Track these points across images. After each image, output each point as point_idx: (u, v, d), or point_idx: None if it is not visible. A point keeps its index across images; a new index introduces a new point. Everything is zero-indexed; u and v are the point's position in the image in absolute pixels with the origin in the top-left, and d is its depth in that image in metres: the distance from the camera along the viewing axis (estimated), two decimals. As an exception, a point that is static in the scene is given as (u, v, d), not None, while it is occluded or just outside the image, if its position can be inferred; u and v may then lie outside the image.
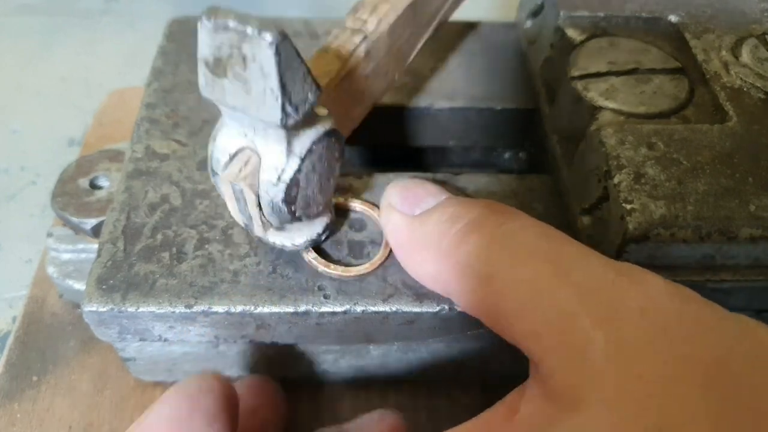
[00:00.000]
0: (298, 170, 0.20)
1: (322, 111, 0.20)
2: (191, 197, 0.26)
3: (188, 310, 0.23)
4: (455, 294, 0.20)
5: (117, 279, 0.23)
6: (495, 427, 0.17)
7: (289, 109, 0.18)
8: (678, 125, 0.25)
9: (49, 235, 0.30)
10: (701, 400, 0.15)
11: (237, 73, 0.17)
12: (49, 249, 0.30)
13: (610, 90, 0.26)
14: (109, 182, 0.30)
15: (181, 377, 0.29)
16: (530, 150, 0.34)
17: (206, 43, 0.17)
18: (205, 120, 0.30)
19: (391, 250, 0.24)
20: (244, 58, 0.17)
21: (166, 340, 0.25)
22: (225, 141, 0.20)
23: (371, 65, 0.24)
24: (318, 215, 0.23)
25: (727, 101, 0.25)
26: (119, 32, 0.53)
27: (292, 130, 0.19)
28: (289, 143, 0.19)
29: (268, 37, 0.16)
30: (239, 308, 0.23)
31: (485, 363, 0.29)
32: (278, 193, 0.20)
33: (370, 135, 0.33)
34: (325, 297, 0.23)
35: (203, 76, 0.18)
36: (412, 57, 0.27)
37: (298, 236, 0.23)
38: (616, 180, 0.23)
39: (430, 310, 0.23)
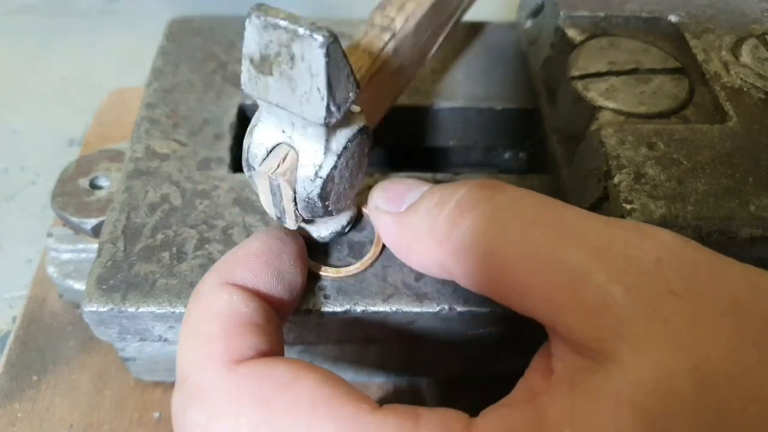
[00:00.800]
0: (334, 167, 0.20)
1: (356, 108, 0.21)
2: (191, 197, 0.26)
3: (188, 310, 0.23)
4: (460, 277, 0.20)
5: (117, 279, 0.23)
6: (538, 389, 0.17)
7: (332, 108, 0.18)
8: (678, 125, 0.25)
9: (49, 235, 0.30)
10: (732, 334, 0.15)
11: (284, 71, 0.18)
12: (49, 249, 0.30)
13: (610, 90, 0.26)
14: (109, 182, 0.30)
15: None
16: (530, 150, 0.34)
17: (254, 39, 0.18)
18: (205, 120, 0.30)
19: (382, 249, 0.24)
20: (292, 57, 0.17)
21: (166, 340, 0.25)
22: (262, 136, 0.21)
23: (398, 62, 0.24)
24: (345, 209, 0.24)
25: (727, 101, 0.25)
26: (119, 32, 0.53)
27: (330, 128, 0.19)
28: (327, 141, 0.20)
29: (320, 37, 0.16)
30: (239, 308, 0.23)
31: (485, 363, 0.29)
32: (315, 189, 0.20)
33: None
34: (325, 297, 0.23)
35: (247, 72, 0.19)
36: (432, 53, 0.27)
37: (324, 228, 0.24)
38: (616, 180, 0.23)
39: (430, 310, 0.23)
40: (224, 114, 0.30)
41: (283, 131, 0.20)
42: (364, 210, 0.25)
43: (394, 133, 0.33)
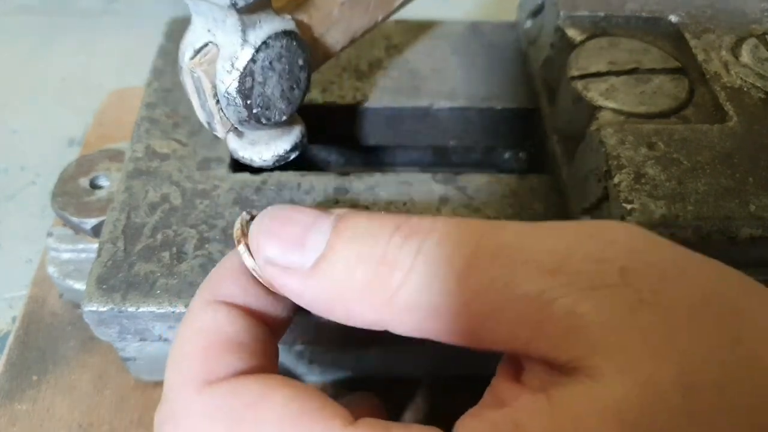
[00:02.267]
0: (252, 60, 0.21)
1: (285, 15, 0.21)
2: (191, 197, 0.26)
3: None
4: (403, 332, 0.18)
5: (117, 279, 0.23)
6: (509, 402, 0.16)
7: None
8: (678, 125, 0.25)
9: (49, 234, 0.30)
10: (709, 336, 0.15)
11: None
12: (49, 249, 0.30)
13: (610, 90, 0.26)
14: (109, 182, 0.30)
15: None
16: (530, 150, 0.34)
17: None
18: (205, 120, 0.30)
19: None
20: None
21: (166, 339, 0.25)
22: (191, 37, 0.22)
23: None
24: (285, 130, 0.24)
25: (727, 101, 0.25)
26: (119, 32, 0.53)
27: (248, 20, 0.20)
28: (244, 33, 0.20)
29: None
30: (239, 308, 0.23)
31: (485, 363, 0.29)
32: (233, 82, 0.21)
33: (370, 135, 0.33)
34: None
35: None
36: (397, 4, 0.27)
37: (266, 151, 0.24)
38: (616, 180, 0.23)
39: (431, 309, 0.23)
40: (224, 114, 0.30)
41: (208, 30, 0.21)
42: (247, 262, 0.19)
43: (394, 133, 0.33)
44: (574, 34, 0.29)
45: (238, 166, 0.28)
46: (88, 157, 0.31)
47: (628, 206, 0.22)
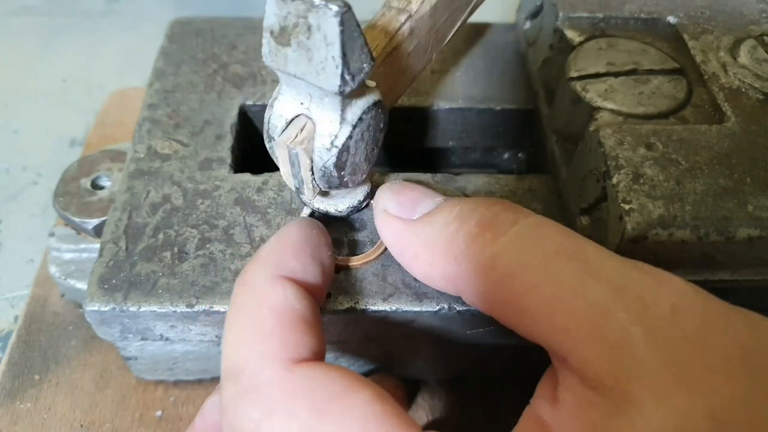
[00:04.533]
0: (349, 137, 0.21)
1: (371, 83, 0.22)
2: (192, 197, 0.26)
3: (190, 310, 0.23)
4: (469, 293, 0.20)
5: (119, 278, 0.24)
6: (544, 415, 0.17)
7: (347, 77, 0.19)
8: (676, 126, 0.25)
9: (51, 234, 0.30)
10: (744, 381, 0.15)
11: (301, 42, 0.19)
12: (50, 248, 0.30)
13: (608, 91, 0.26)
14: (110, 182, 0.30)
15: (183, 376, 0.29)
16: (529, 150, 0.35)
17: (273, 12, 0.19)
18: (207, 120, 0.30)
19: (384, 249, 0.24)
20: (309, 27, 0.18)
21: (167, 339, 0.25)
22: (282, 108, 0.22)
23: (414, 43, 0.25)
24: (360, 183, 0.24)
25: (726, 102, 0.26)
26: (120, 33, 0.54)
27: (346, 99, 0.20)
28: (342, 111, 0.21)
29: (334, 7, 0.17)
30: (240, 307, 0.23)
31: (485, 362, 0.29)
32: (331, 158, 0.21)
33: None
34: (326, 296, 0.23)
35: (267, 44, 0.20)
36: (448, 39, 0.28)
37: (341, 203, 0.25)
38: (614, 180, 0.23)
39: (430, 309, 0.23)
40: (225, 114, 0.30)
41: (301, 103, 0.21)
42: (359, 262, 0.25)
43: (394, 134, 0.33)
44: (572, 35, 0.29)
45: (239, 166, 0.29)
46: (90, 158, 0.31)
47: (627, 206, 0.22)
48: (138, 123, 0.29)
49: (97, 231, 0.28)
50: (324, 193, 0.24)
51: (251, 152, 0.31)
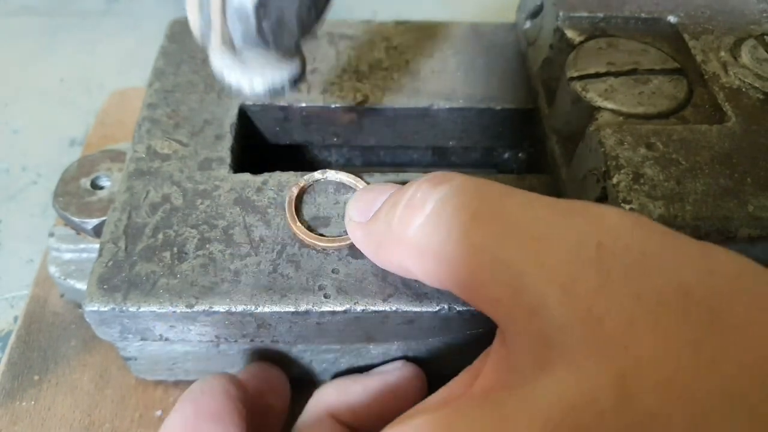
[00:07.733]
0: None
1: None
2: (192, 197, 0.26)
3: (189, 310, 0.23)
4: (421, 276, 0.19)
5: (118, 279, 0.24)
6: (453, 399, 0.17)
7: None
8: (677, 125, 0.25)
9: (51, 234, 0.30)
10: (669, 332, 0.13)
11: None
12: (50, 249, 0.30)
13: (609, 90, 0.26)
14: (110, 182, 0.30)
15: (183, 376, 0.29)
16: (529, 150, 0.35)
17: None
18: (206, 120, 0.30)
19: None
20: None
21: (167, 339, 0.25)
22: None
23: None
24: (284, 59, 0.20)
25: (726, 102, 0.26)
26: (120, 33, 0.53)
27: None
28: None
29: None
30: (240, 308, 0.23)
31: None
32: None
33: (370, 135, 0.33)
34: (326, 296, 0.23)
35: None
36: None
37: (259, 75, 0.20)
38: (614, 180, 0.23)
39: (430, 309, 0.23)
40: (225, 114, 0.30)
41: None
42: (340, 176, 0.25)
43: (394, 134, 0.33)
44: (573, 34, 0.29)
45: (239, 166, 0.29)
46: (90, 158, 0.31)
47: (627, 206, 0.22)
48: (138, 123, 0.29)
49: (97, 231, 0.28)
50: (231, 49, 0.19)
51: (251, 152, 0.31)
